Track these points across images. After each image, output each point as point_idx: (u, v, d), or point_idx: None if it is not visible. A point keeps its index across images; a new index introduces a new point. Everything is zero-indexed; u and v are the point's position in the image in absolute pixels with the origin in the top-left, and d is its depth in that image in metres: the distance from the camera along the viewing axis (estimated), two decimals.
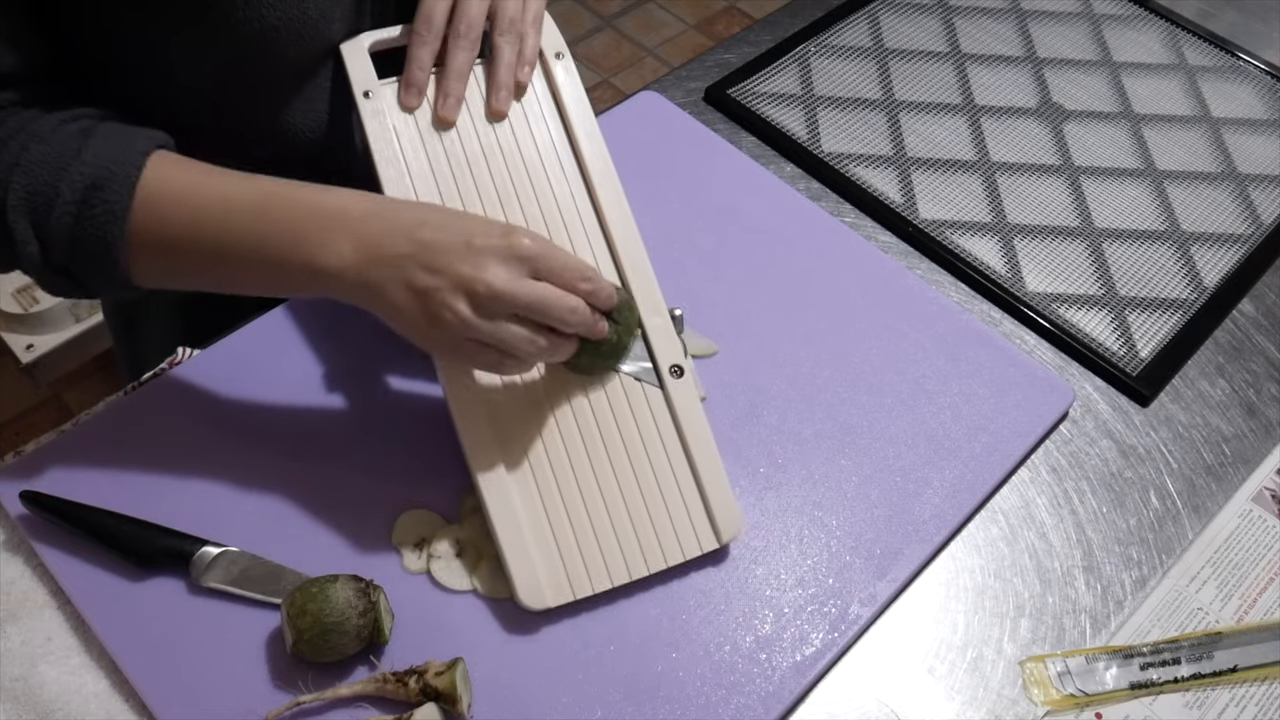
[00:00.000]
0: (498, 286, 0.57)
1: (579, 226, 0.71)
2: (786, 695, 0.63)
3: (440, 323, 0.58)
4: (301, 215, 0.59)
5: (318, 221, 0.59)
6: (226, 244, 0.59)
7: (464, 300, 0.57)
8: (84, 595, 0.63)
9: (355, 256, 0.58)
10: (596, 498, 0.66)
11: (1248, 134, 1.01)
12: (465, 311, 0.57)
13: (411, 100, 0.69)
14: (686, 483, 0.68)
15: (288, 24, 0.65)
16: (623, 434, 0.68)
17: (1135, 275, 0.89)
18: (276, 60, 0.68)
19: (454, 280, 0.57)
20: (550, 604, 0.64)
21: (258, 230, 0.59)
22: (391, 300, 0.58)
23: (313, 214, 0.59)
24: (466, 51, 0.69)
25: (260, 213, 0.59)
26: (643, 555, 0.66)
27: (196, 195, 0.59)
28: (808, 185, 0.92)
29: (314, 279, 0.59)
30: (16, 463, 0.68)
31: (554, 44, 0.74)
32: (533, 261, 0.58)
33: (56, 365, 1.57)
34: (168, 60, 0.66)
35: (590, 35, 2.35)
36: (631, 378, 0.69)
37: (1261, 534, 0.74)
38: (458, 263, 0.57)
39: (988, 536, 0.73)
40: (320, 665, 0.61)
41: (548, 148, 0.72)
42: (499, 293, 0.57)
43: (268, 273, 0.60)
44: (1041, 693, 0.66)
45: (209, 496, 0.67)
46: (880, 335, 0.80)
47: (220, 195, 0.59)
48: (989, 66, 1.05)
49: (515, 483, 0.66)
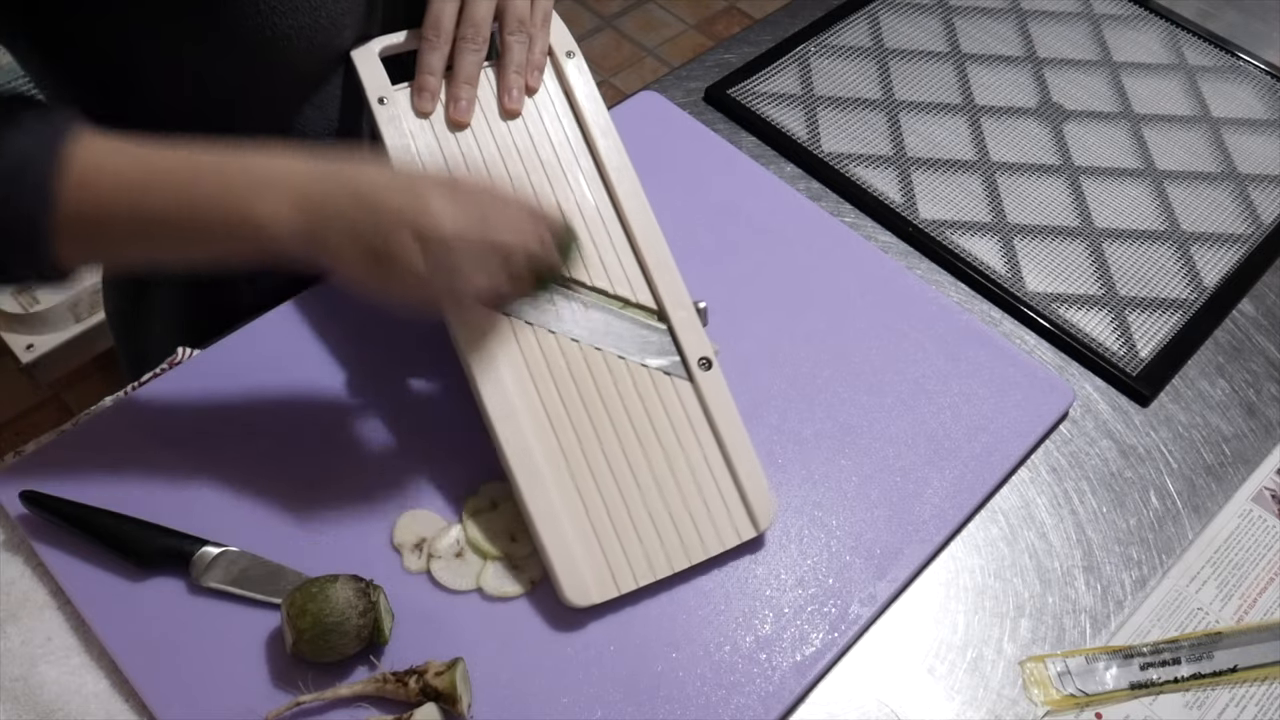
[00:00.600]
0: (444, 219, 0.57)
1: (599, 222, 0.71)
2: (786, 695, 0.63)
3: (390, 264, 0.57)
4: (234, 177, 0.58)
5: (251, 182, 0.57)
6: (160, 218, 0.58)
7: (412, 237, 0.57)
8: (84, 595, 0.63)
9: (294, 211, 0.57)
10: (634, 492, 0.67)
11: (1248, 134, 1.01)
12: (415, 248, 0.57)
13: (425, 105, 0.69)
14: (721, 473, 0.68)
15: (299, 32, 0.65)
16: (655, 427, 0.68)
17: (1135, 275, 0.89)
18: (288, 68, 0.68)
19: (398, 219, 0.57)
20: (595, 600, 0.64)
21: (190, 196, 0.58)
22: (336, 250, 0.57)
23: (245, 175, 0.58)
24: (475, 54, 0.70)
25: (192, 177, 0.58)
26: (683, 547, 0.66)
27: (123, 167, 0.58)
28: (808, 185, 0.92)
29: (253, 238, 0.58)
30: (16, 463, 0.68)
31: (564, 42, 0.74)
32: (478, 196, 0.59)
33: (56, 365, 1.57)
34: (181, 72, 0.66)
35: (590, 35, 2.35)
36: (661, 371, 0.69)
37: (1261, 534, 0.74)
38: (400, 201, 0.57)
39: (988, 536, 0.73)
40: (320, 665, 0.61)
41: (563, 145, 0.72)
42: (445, 224, 0.57)
43: (203, 238, 0.59)
44: (1041, 693, 0.66)
45: (209, 496, 0.67)
46: (880, 335, 0.80)
47: (147, 164, 0.58)
48: (989, 66, 1.05)
49: (553, 480, 0.66)
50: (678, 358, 0.70)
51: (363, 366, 0.74)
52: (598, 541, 0.65)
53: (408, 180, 0.58)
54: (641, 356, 0.70)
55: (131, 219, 0.58)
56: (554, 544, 0.65)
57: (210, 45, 0.64)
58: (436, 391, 0.74)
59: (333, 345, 0.75)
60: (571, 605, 0.64)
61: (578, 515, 0.66)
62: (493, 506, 0.68)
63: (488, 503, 0.69)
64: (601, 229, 0.71)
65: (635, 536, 0.66)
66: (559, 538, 0.65)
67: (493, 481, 0.69)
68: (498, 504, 0.68)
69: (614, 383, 0.69)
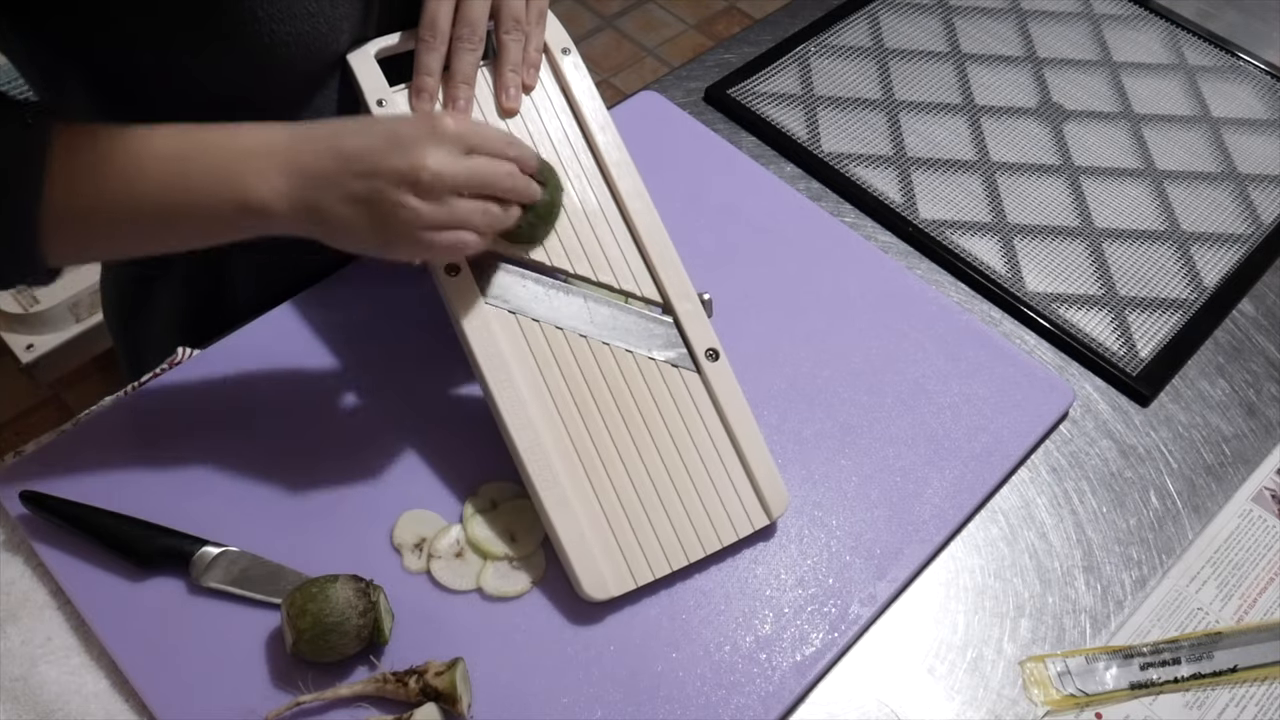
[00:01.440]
0: (438, 168, 0.57)
1: (600, 217, 0.71)
2: (786, 695, 0.63)
3: (392, 221, 0.58)
4: (223, 156, 0.58)
5: (240, 159, 0.58)
6: (149, 204, 0.57)
7: (409, 191, 0.57)
8: (84, 595, 0.63)
9: (287, 184, 0.57)
10: (646, 484, 0.67)
11: (1248, 134, 1.01)
12: (413, 202, 0.57)
13: (424, 106, 0.69)
14: (732, 462, 0.69)
15: (297, 39, 0.65)
16: (665, 420, 0.68)
17: (1135, 275, 0.89)
18: (286, 74, 0.68)
19: (393, 176, 0.57)
20: (613, 593, 0.65)
21: (180, 178, 0.57)
22: (335, 217, 0.58)
23: (234, 152, 0.58)
24: (472, 53, 0.70)
25: (179, 160, 0.58)
26: (697, 538, 0.67)
27: (107, 157, 0.57)
28: (808, 185, 0.92)
29: (247, 215, 0.58)
30: (16, 463, 0.68)
31: (560, 40, 0.74)
32: (461, 139, 0.59)
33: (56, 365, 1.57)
34: (178, 78, 0.66)
35: (590, 35, 2.35)
36: (668, 364, 0.69)
37: (1261, 534, 0.74)
38: (391, 159, 0.57)
39: (988, 536, 0.73)
40: (320, 665, 0.61)
41: (562, 142, 0.72)
42: (440, 173, 0.58)
43: (195, 221, 0.59)
44: (1041, 693, 0.66)
45: (209, 496, 0.67)
46: (880, 335, 0.80)
47: (133, 150, 0.58)
48: (989, 66, 1.05)
49: (567, 476, 0.66)
50: (685, 350, 0.70)
51: (363, 366, 0.74)
52: (613, 535, 0.66)
53: (393, 134, 0.58)
54: (649, 349, 0.70)
55: (121, 207, 0.57)
56: (570, 539, 0.65)
57: (209, 53, 0.64)
58: (437, 391, 0.74)
59: (333, 345, 0.75)
60: (589, 599, 0.64)
61: (592, 510, 0.66)
62: (493, 506, 0.68)
63: (488, 503, 0.69)
64: (604, 224, 0.71)
65: (650, 529, 0.66)
66: (575, 533, 0.65)
67: (493, 482, 0.69)
68: (498, 504, 0.68)
69: (623, 377, 0.69)
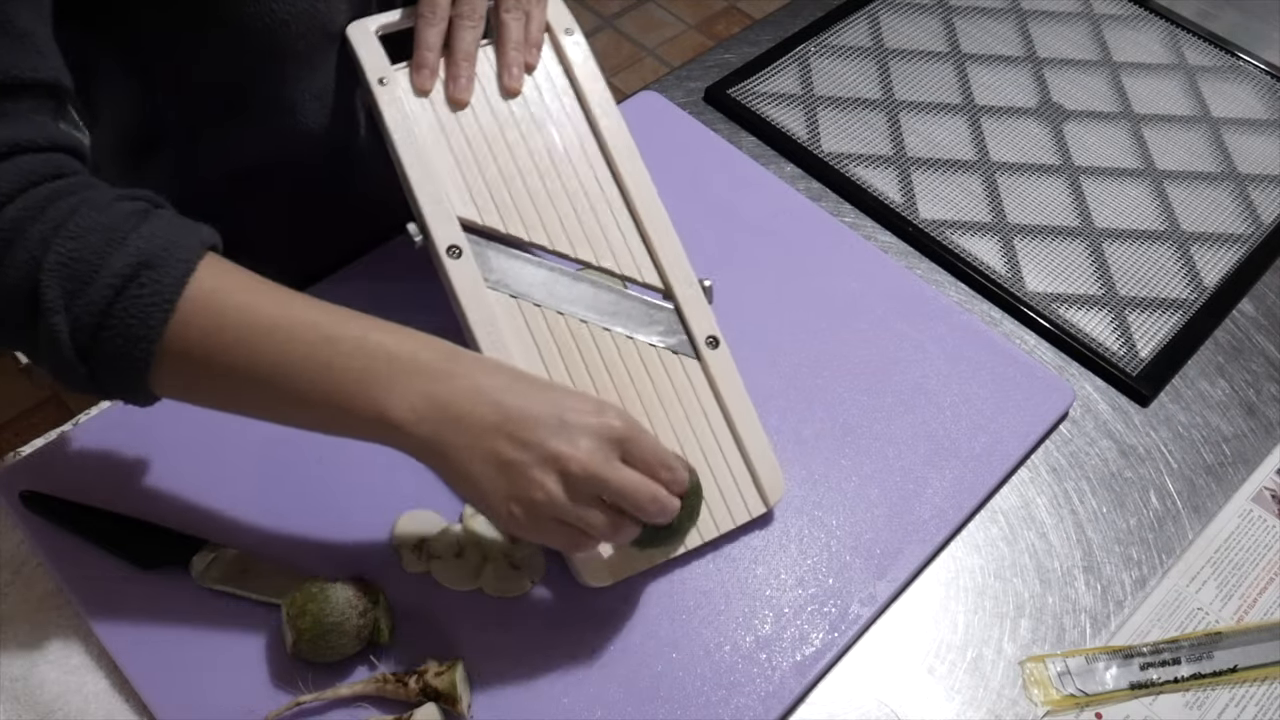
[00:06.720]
0: (593, 468, 0.53)
1: (602, 199, 0.71)
2: (786, 695, 0.63)
3: (527, 499, 0.54)
4: (372, 353, 0.54)
5: (389, 364, 0.54)
6: (282, 368, 0.53)
7: (555, 478, 0.53)
8: (84, 595, 0.63)
9: (430, 412, 0.53)
10: None
11: (1248, 134, 1.01)
12: (556, 490, 0.53)
13: (424, 82, 0.69)
14: (730, 450, 0.69)
15: (296, 18, 0.65)
16: (664, 406, 0.68)
17: (1135, 275, 0.89)
18: (285, 54, 0.68)
19: (546, 455, 0.53)
20: (614, 579, 0.65)
21: (323, 360, 0.53)
22: (467, 468, 0.54)
23: (383, 355, 0.54)
24: (473, 30, 0.69)
25: (328, 340, 0.54)
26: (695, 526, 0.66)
27: (254, 307, 0.54)
28: (808, 185, 0.92)
29: (375, 427, 0.54)
30: (16, 463, 0.68)
31: (562, 20, 0.74)
32: (624, 444, 0.55)
33: None
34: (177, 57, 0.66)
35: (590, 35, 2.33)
36: (669, 350, 0.69)
37: (1261, 534, 0.74)
38: (551, 438, 0.53)
39: (988, 536, 0.73)
40: (320, 665, 0.61)
41: (564, 124, 0.72)
42: (592, 475, 0.53)
43: (322, 409, 0.54)
44: (1041, 693, 0.66)
45: (209, 496, 0.67)
46: (880, 335, 0.80)
47: (282, 313, 0.54)
48: (989, 66, 1.05)
49: None
50: (685, 336, 0.70)
51: None
52: None
53: (560, 409, 0.54)
54: (649, 335, 0.70)
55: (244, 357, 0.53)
56: None
57: (208, 31, 0.64)
58: None
59: None
60: (590, 586, 0.64)
61: None
62: None
63: None
64: (605, 207, 0.71)
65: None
66: None
67: None
68: None
69: (623, 362, 0.69)
